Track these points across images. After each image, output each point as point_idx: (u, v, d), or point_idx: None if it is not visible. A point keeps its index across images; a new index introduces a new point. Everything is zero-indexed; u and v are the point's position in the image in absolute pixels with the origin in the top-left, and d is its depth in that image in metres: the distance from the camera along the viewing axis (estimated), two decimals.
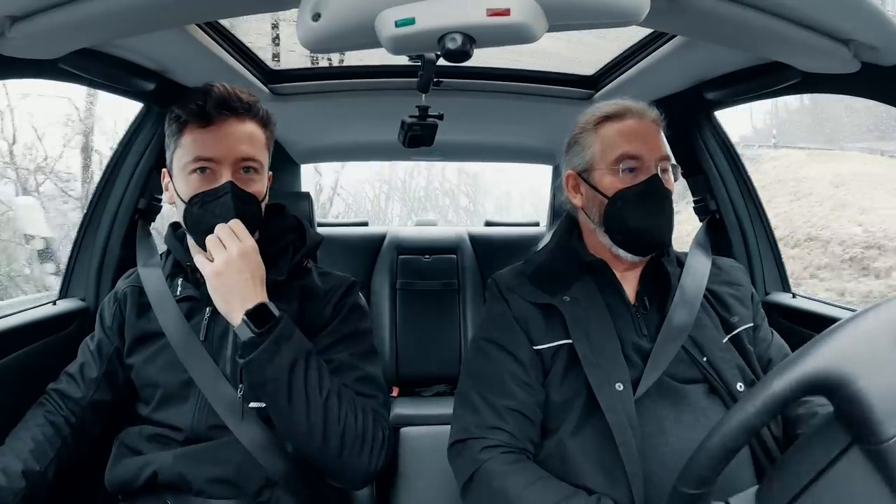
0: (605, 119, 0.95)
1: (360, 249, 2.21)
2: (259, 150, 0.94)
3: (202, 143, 0.90)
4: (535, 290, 0.94)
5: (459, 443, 0.90)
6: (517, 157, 2.50)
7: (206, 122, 0.89)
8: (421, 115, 1.10)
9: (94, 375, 0.99)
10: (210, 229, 0.89)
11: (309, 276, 1.00)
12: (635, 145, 0.91)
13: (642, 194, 0.90)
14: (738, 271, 1.04)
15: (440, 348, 2.09)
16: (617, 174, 0.92)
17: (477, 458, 0.85)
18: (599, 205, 0.94)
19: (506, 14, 0.54)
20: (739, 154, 1.44)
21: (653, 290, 0.95)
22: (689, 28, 0.81)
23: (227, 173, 0.90)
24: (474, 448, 0.86)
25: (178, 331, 0.94)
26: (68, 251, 1.35)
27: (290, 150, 2.01)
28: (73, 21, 0.69)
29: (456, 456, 0.90)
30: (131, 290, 1.02)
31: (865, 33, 0.72)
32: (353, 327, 0.98)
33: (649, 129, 0.93)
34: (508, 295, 0.96)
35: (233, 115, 0.91)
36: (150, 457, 0.91)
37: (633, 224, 0.90)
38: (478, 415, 0.89)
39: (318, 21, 0.58)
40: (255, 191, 0.93)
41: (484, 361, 0.94)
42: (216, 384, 0.91)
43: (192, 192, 0.90)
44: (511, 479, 0.81)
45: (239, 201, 0.89)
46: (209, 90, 0.90)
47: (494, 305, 0.98)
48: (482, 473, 0.84)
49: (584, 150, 0.96)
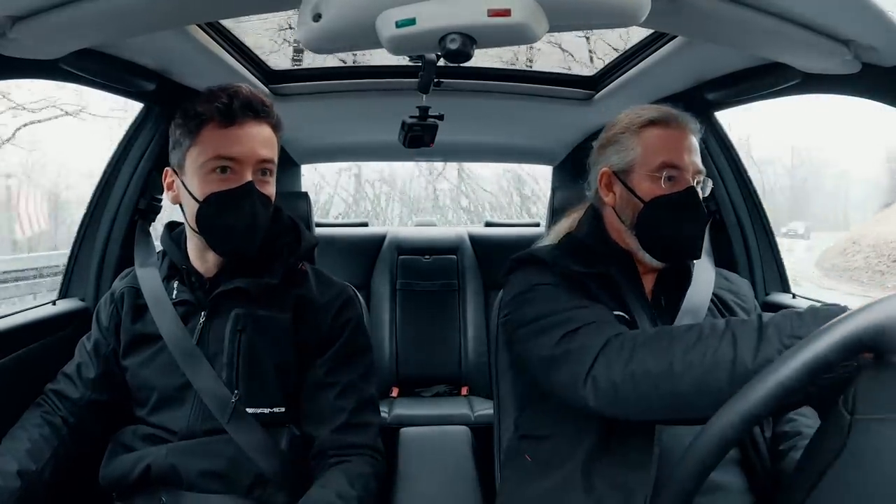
0: (651, 123, 0.95)
1: (361, 250, 2.21)
2: (274, 154, 0.95)
3: (224, 141, 0.89)
4: (575, 263, 0.92)
5: (562, 357, 0.80)
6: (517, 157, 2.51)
7: (229, 121, 0.89)
8: (421, 116, 1.10)
9: (92, 376, 0.98)
10: (227, 229, 0.89)
11: (305, 282, 1.00)
12: (679, 155, 0.92)
13: (679, 204, 0.91)
14: (745, 285, 1.05)
15: (440, 349, 2.10)
16: (657, 181, 0.92)
17: (593, 349, 0.76)
18: (634, 207, 0.94)
19: (506, 14, 0.54)
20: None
21: (669, 291, 0.96)
22: (689, 28, 0.81)
23: (249, 174, 0.90)
24: (590, 345, 0.77)
25: (175, 334, 0.93)
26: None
27: (290, 150, 2.01)
28: (74, 21, 0.69)
29: (568, 368, 0.79)
30: (128, 290, 1.01)
31: (866, 34, 0.72)
32: (354, 346, 0.98)
33: (691, 141, 0.94)
34: (555, 267, 0.92)
35: (255, 117, 0.91)
36: (143, 452, 0.92)
37: (666, 232, 0.91)
38: (567, 327, 0.81)
39: (318, 21, 0.58)
40: (269, 193, 0.94)
41: (544, 300, 0.87)
42: (213, 388, 0.91)
43: (210, 191, 0.89)
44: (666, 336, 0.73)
45: (257, 201, 0.90)
46: (235, 91, 0.90)
47: (538, 272, 0.93)
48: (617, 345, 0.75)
49: (624, 151, 0.96)
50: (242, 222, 0.89)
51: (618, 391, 0.73)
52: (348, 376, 0.96)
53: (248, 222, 0.90)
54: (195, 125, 0.90)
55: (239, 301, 0.94)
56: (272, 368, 0.94)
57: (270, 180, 0.95)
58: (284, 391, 0.94)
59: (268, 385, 0.93)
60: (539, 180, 6.96)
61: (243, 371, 0.92)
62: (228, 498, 0.89)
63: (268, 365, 0.93)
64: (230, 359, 0.92)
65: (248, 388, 0.92)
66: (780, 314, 0.66)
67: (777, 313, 0.67)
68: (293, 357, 0.95)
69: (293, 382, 0.96)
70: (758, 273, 1.44)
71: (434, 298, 2.13)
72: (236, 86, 0.92)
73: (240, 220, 0.89)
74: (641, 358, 0.72)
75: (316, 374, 0.95)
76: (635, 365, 0.72)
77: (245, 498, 0.90)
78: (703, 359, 0.68)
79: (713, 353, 0.67)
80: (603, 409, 0.76)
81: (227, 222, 0.89)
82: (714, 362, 0.67)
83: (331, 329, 0.97)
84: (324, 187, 7.37)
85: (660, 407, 0.72)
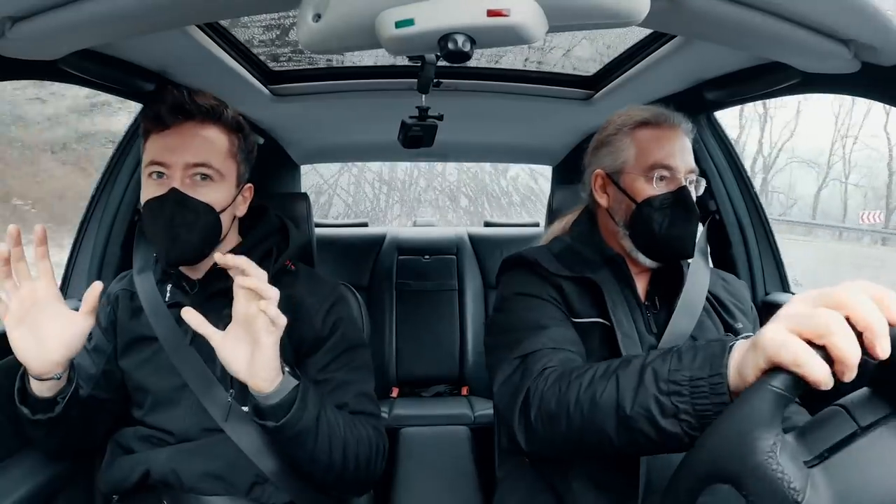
0: (643, 124, 0.95)
1: (360, 250, 2.21)
2: (217, 157, 0.90)
3: (157, 148, 0.88)
4: (563, 268, 0.94)
5: (507, 382, 0.82)
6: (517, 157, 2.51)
7: (163, 126, 0.88)
8: (421, 116, 1.10)
9: (92, 372, 0.98)
10: (156, 237, 0.88)
11: (296, 282, 0.99)
12: (670, 155, 0.92)
13: (671, 204, 0.91)
14: (742, 287, 1.06)
15: (440, 349, 2.10)
16: (649, 181, 0.92)
17: (540, 370, 0.78)
18: (626, 208, 0.94)
19: (505, 15, 0.54)
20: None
21: (662, 291, 0.96)
22: (688, 28, 0.81)
23: (177, 179, 0.87)
24: (532, 369, 0.79)
25: (170, 335, 0.94)
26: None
27: (290, 151, 2.01)
28: (74, 22, 0.69)
29: (508, 397, 0.81)
30: (123, 293, 1.02)
31: (865, 33, 0.72)
32: (347, 342, 0.98)
33: (683, 141, 0.94)
34: (541, 269, 0.94)
35: (188, 119, 0.89)
36: (142, 455, 0.92)
37: (658, 232, 0.91)
38: (518, 351, 0.83)
39: (318, 22, 0.58)
40: (209, 199, 0.89)
41: (517, 312, 0.90)
42: (208, 387, 0.91)
43: (146, 198, 0.89)
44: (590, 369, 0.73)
45: (183, 209, 0.87)
46: (166, 95, 0.89)
47: (525, 274, 0.95)
48: (535, 394, 0.76)
49: (616, 152, 0.96)
50: (162, 231, 0.87)
51: (534, 431, 0.74)
52: (342, 373, 0.95)
53: (167, 231, 0.87)
54: (142, 134, 0.91)
55: (230, 301, 0.94)
56: None
57: (212, 185, 0.90)
58: None
59: None
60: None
61: None
62: (228, 499, 0.89)
63: None
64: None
65: (243, 387, 0.91)
66: (663, 354, 0.63)
67: (665, 352, 0.64)
68: (288, 355, 0.95)
69: None
70: (757, 273, 1.45)
71: (434, 298, 2.13)
72: (169, 90, 0.90)
73: (161, 229, 0.87)
74: (548, 399, 0.72)
75: (308, 373, 0.95)
76: (544, 406, 0.73)
77: (245, 498, 0.90)
78: (591, 402, 0.67)
79: (600, 396, 0.66)
80: (525, 447, 0.76)
81: (153, 230, 0.88)
82: (601, 405, 0.66)
83: (322, 328, 0.96)
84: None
85: (565, 449, 0.73)
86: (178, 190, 0.87)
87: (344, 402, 0.93)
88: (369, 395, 0.98)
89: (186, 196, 0.87)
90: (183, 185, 0.88)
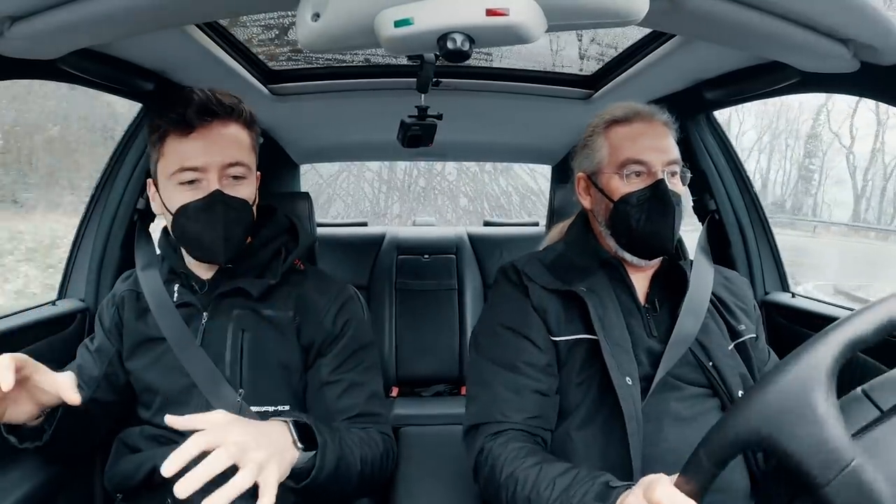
0: (614, 122, 0.95)
1: (360, 249, 2.21)
2: (245, 154, 0.92)
3: (186, 152, 0.88)
4: (554, 279, 0.94)
5: (473, 428, 0.90)
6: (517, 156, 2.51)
7: (188, 129, 0.88)
8: (420, 116, 1.10)
9: (95, 374, 0.98)
10: (199, 240, 0.89)
11: (305, 282, 1.00)
12: (642, 150, 0.91)
13: (646, 199, 0.90)
14: (744, 285, 1.05)
15: (440, 348, 2.10)
16: (623, 178, 0.92)
17: (489, 442, 0.86)
18: (606, 208, 0.94)
19: (504, 14, 0.54)
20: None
21: (664, 293, 0.96)
22: (688, 28, 0.81)
23: (215, 181, 0.88)
24: (488, 431, 0.87)
25: (179, 336, 0.93)
26: None
27: (290, 151, 2.01)
28: (73, 21, 0.69)
29: (471, 440, 0.90)
30: (129, 293, 1.01)
31: (865, 33, 0.72)
32: (358, 343, 0.99)
33: (658, 133, 0.93)
34: (528, 283, 0.95)
35: (215, 119, 0.89)
36: (148, 453, 0.92)
37: (636, 228, 0.91)
38: (495, 396, 0.89)
39: (317, 21, 0.58)
40: (244, 195, 0.91)
41: (501, 346, 0.93)
42: (217, 388, 0.91)
43: (179, 203, 0.89)
44: (519, 462, 0.81)
45: (228, 208, 0.89)
46: (189, 97, 0.88)
47: (512, 291, 0.97)
48: (491, 458, 0.84)
49: (593, 153, 0.96)
50: (213, 232, 0.88)
51: (479, 478, 0.88)
52: (353, 374, 0.96)
53: (219, 232, 0.88)
54: (157, 138, 0.90)
55: (240, 301, 0.94)
56: (276, 367, 0.94)
57: (245, 182, 0.92)
58: (289, 389, 0.95)
59: (272, 383, 0.94)
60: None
61: (247, 370, 0.92)
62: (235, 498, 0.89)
63: (271, 363, 0.94)
64: (233, 358, 0.92)
65: (253, 387, 0.92)
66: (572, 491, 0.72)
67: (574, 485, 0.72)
68: (298, 355, 0.95)
69: (298, 381, 0.96)
70: (757, 272, 1.45)
71: (433, 298, 2.13)
72: (190, 91, 0.90)
73: (210, 230, 0.88)
74: (495, 475, 0.83)
75: (320, 374, 0.95)
76: (492, 475, 0.83)
77: (251, 498, 0.90)
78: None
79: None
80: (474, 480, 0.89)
81: (199, 233, 0.89)
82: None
83: (333, 328, 0.97)
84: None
85: None
86: (222, 192, 0.88)
87: (355, 404, 0.94)
88: (379, 396, 0.99)
89: (231, 196, 0.89)
90: (221, 185, 0.89)
